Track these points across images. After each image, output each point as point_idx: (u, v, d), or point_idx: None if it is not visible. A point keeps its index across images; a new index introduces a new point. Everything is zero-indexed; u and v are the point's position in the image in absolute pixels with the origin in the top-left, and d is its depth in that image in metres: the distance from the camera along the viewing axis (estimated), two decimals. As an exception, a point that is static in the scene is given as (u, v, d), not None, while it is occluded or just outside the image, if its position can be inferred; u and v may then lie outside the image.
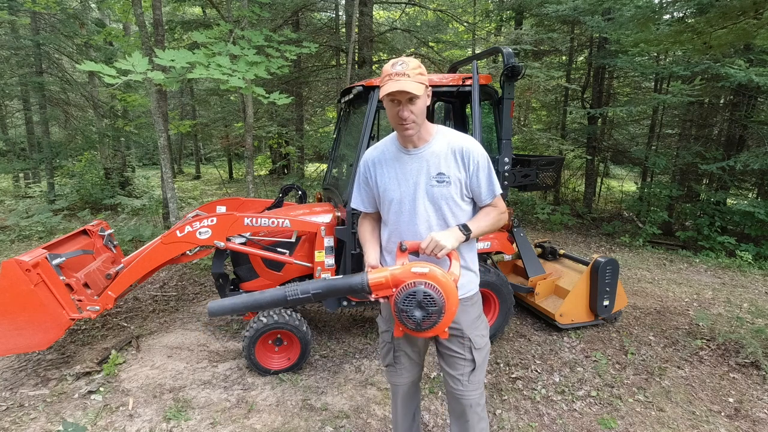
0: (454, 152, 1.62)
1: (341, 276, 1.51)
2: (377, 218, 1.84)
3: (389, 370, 1.89)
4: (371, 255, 1.70)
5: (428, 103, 1.59)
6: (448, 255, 1.53)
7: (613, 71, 9.11)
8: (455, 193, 1.62)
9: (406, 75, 1.48)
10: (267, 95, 3.70)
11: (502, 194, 1.71)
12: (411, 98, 1.50)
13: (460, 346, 1.72)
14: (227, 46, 3.81)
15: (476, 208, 1.73)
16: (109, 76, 3.01)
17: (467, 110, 3.92)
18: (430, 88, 1.60)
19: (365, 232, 1.81)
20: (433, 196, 1.62)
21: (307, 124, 12.05)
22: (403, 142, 1.67)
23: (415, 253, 1.56)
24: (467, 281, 1.72)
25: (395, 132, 1.70)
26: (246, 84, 3.48)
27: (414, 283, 1.39)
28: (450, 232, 1.55)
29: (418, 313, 1.39)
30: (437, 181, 1.61)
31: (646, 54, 7.06)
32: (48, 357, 3.23)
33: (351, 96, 3.27)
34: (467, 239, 1.58)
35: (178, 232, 2.98)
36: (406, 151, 1.66)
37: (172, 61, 3.21)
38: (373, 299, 1.48)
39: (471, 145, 1.64)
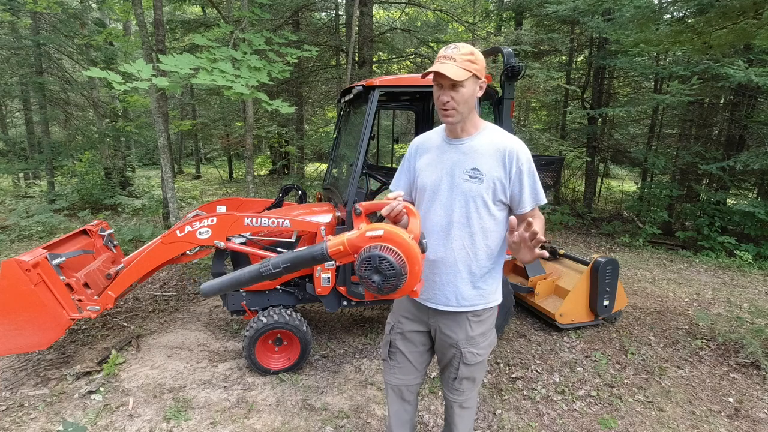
0: (497, 151, 1.54)
1: (305, 248, 1.50)
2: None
3: (383, 364, 1.86)
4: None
5: (478, 94, 1.52)
6: (406, 211, 1.47)
7: (613, 71, 9.12)
8: (486, 192, 1.53)
9: (453, 59, 1.43)
10: (270, 102, 3.67)
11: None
12: (453, 84, 1.45)
13: (450, 353, 1.69)
14: (228, 50, 3.79)
15: (509, 215, 1.62)
16: (117, 82, 3.00)
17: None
18: (483, 80, 1.52)
19: None
20: (461, 190, 1.55)
21: (307, 124, 12.05)
22: (447, 131, 1.64)
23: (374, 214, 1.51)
24: (477, 295, 1.61)
25: None
26: (250, 90, 3.46)
27: (369, 248, 1.32)
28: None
29: (376, 278, 1.32)
30: (470, 176, 1.54)
31: (646, 54, 7.07)
32: (48, 357, 3.23)
33: (351, 96, 3.27)
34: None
35: (178, 231, 2.98)
36: (448, 141, 1.63)
37: (176, 66, 3.19)
38: (339, 265, 1.44)
39: (517, 146, 1.55)
